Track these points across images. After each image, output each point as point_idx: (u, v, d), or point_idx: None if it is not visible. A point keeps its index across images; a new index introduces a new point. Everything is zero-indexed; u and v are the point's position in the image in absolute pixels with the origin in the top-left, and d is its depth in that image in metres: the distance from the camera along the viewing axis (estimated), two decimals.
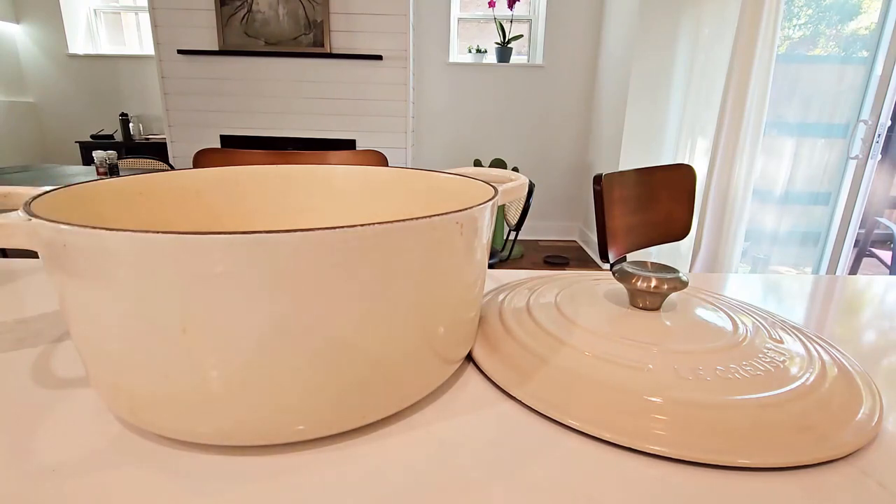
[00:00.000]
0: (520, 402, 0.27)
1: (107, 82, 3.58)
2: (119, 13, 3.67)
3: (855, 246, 2.15)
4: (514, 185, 0.35)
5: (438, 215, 0.22)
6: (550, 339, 0.31)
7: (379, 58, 2.94)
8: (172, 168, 2.08)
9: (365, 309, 0.21)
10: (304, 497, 0.20)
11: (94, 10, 3.62)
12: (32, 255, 0.25)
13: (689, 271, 1.52)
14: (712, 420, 0.24)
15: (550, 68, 3.36)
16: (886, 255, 2.32)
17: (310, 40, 2.91)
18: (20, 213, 0.21)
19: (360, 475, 0.22)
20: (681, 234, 1.10)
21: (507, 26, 3.31)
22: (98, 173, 2.10)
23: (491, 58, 3.41)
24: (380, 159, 1.03)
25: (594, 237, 3.20)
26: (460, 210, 0.23)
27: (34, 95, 3.58)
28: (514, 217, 2.22)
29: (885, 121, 1.94)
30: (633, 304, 0.34)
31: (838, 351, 0.32)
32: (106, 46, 3.68)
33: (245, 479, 0.21)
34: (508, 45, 3.31)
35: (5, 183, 1.82)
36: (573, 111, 3.44)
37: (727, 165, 2.08)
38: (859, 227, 2.10)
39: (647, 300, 0.33)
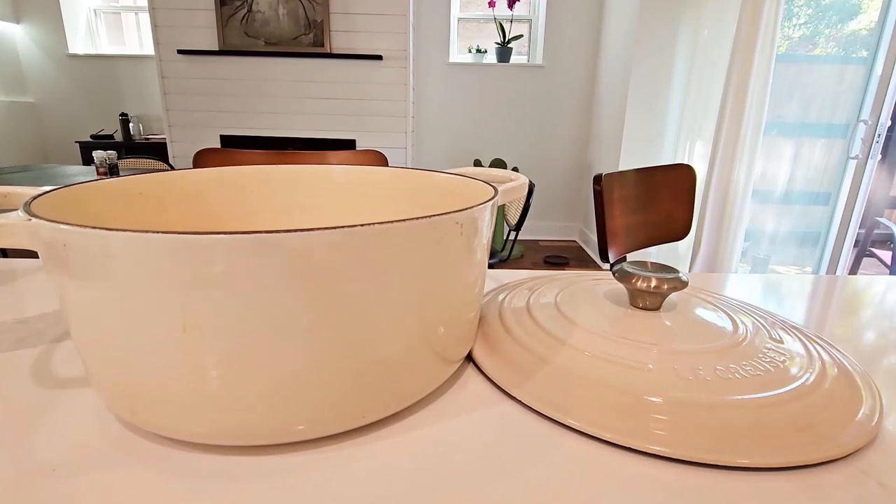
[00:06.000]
0: (520, 402, 0.27)
1: (107, 82, 3.58)
2: (119, 13, 3.67)
3: (855, 246, 2.15)
4: (514, 185, 0.35)
5: (438, 215, 0.22)
6: (550, 339, 0.31)
7: (379, 58, 2.94)
8: (172, 168, 2.08)
9: (365, 309, 0.21)
10: (305, 497, 0.20)
11: (94, 10, 3.62)
12: (32, 255, 0.25)
13: (689, 271, 1.52)
14: (712, 420, 0.24)
15: (550, 68, 3.35)
16: (886, 255, 2.32)
17: (310, 40, 2.91)
18: (20, 213, 0.21)
19: (359, 475, 0.22)
20: (681, 234, 1.10)
21: (507, 26, 3.31)
22: (98, 173, 2.10)
23: (491, 58, 3.41)
24: (380, 159, 1.03)
25: (594, 237, 3.20)
26: (460, 210, 0.23)
27: (34, 95, 3.58)
28: (514, 217, 2.22)
29: (885, 121, 1.94)
30: (633, 304, 0.34)
31: (838, 351, 0.32)
32: (106, 46, 3.68)
33: (245, 479, 0.21)
34: (508, 45, 3.31)
35: (5, 183, 1.82)
36: (573, 111, 3.44)
37: (727, 165, 2.08)
38: (859, 227, 2.10)
39: (647, 300, 0.33)
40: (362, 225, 0.19)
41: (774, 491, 0.21)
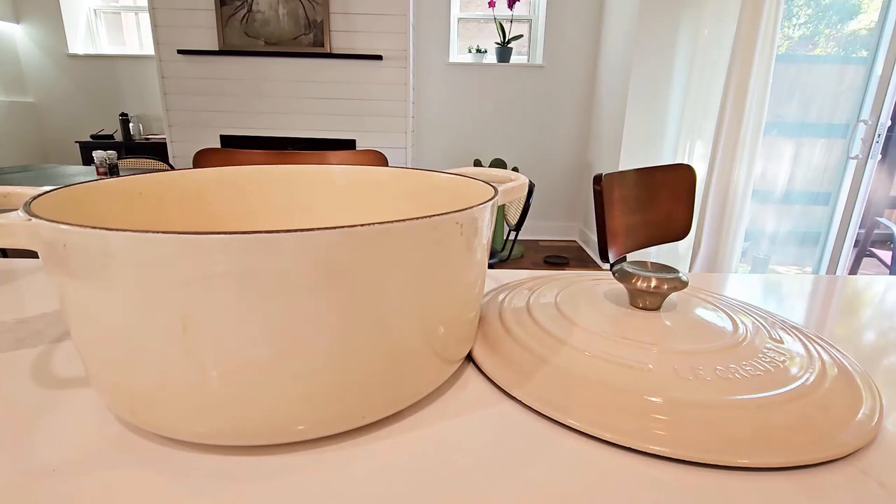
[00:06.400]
0: (520, 402, 0.27)
1: (107, 82, 3.58)
2: (119, 13, 3.66)
3: (855, 246, 2.15)
4: (514, 185, 0.35)
5: (438, 215, 0.22)
6: (550, 339, 0.31)
7: (379, 58, 2.94)
8: (172, 168, 2.08)
9: (365, 308, 0.21)
10: (305, 497, 0.20)
11: (94, 10, 3.62)
12: (32, 255, 0.25)
13: (689, 271, 1.52)
14: (712, 420, 0.24)
15: (550, 68, 3.35)
16: (886, 255, 2.32)
17: (310, 40, 2.91)
18: (20, 213, 0.21)
19: (359, 475, 0.22)
20: (681, 234, 1.10)
21: (507, 26, 3.31)
22: (98, 173, 2.10)
23: (491, 58, 3.41)
24: (380, 159, 1.03)
25: (594, 237, 3.20)
26: (460, 210, 0.23)
27: (34, 95, 3.58)
28: (514, 217, 2.22)
29: (885, 121, 1.94)
30: (633, 304, 0.34)
31: (838, 351, 0.32)
32: (106, 46, 3.68)
33: (245, 479, 0.21)
34: (508, 45, 3.31)
35: (5, 183, 1.82)
36: (573, 111, 3.44)
37: (727, 165, 2.08)
38: (859, 227, 2.10)
39: (647, 300, 0.33)
40: (362, 225, 0.19)
41: (774, 491, 0.21)
